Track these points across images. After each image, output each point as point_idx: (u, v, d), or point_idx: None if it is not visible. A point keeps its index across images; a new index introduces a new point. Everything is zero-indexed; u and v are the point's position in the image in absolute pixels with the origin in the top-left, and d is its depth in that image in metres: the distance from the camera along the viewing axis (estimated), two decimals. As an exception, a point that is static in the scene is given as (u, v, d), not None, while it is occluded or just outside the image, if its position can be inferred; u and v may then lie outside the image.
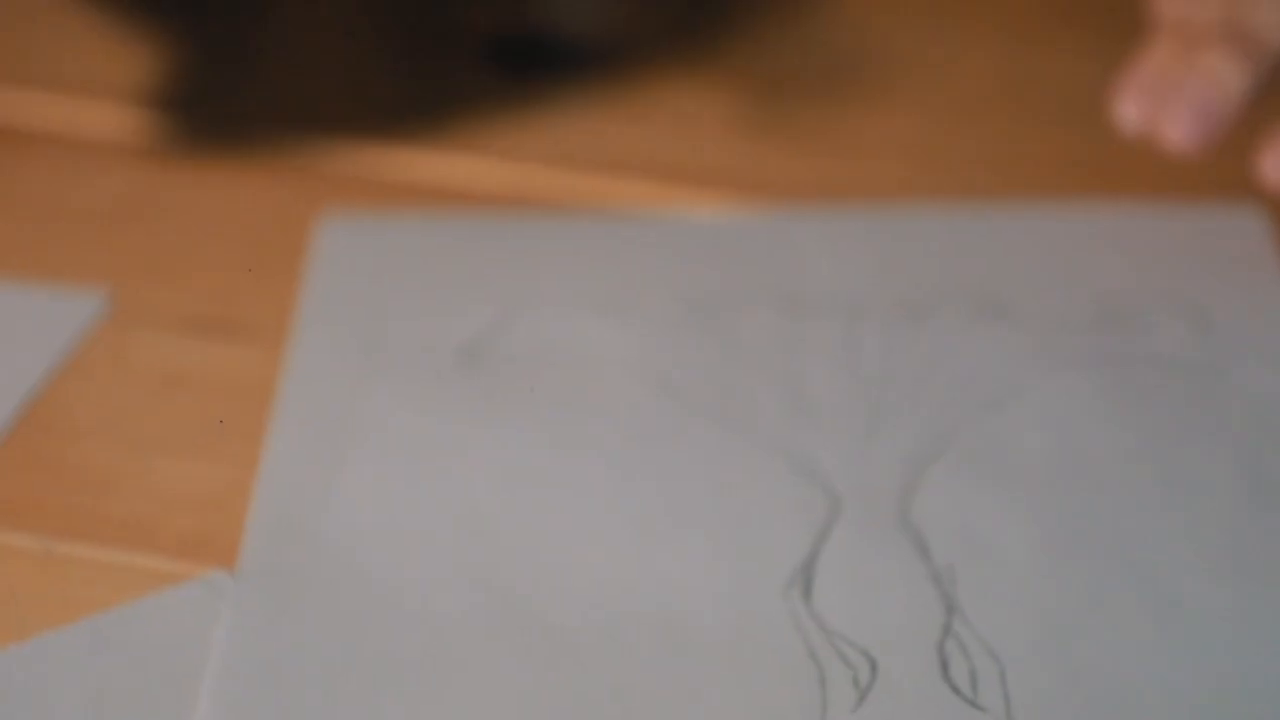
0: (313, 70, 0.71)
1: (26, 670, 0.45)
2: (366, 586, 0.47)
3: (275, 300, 0.59)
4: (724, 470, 0.51)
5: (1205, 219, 0.62)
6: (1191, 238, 0.61)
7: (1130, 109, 0.58)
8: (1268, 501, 0.49)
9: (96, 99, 0.69)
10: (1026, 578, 0.47)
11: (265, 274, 0.60)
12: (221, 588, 0.47)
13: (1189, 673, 0.44)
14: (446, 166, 0.66)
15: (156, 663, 0.45)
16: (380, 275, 0.59)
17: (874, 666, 0.44)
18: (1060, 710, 0.43)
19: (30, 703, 0.44)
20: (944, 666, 0.44)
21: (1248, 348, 0.55)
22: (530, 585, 0.47)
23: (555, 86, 0.69)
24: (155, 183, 0.66)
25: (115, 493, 0.51)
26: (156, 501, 0.51)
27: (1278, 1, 0.57)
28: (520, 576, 0.47)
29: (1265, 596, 0.46)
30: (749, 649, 0.45)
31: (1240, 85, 0.56)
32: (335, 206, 0.62)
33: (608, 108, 0.69)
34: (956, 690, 0.43)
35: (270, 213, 0.64)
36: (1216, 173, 0.60)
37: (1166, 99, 0.57)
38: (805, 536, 0.48)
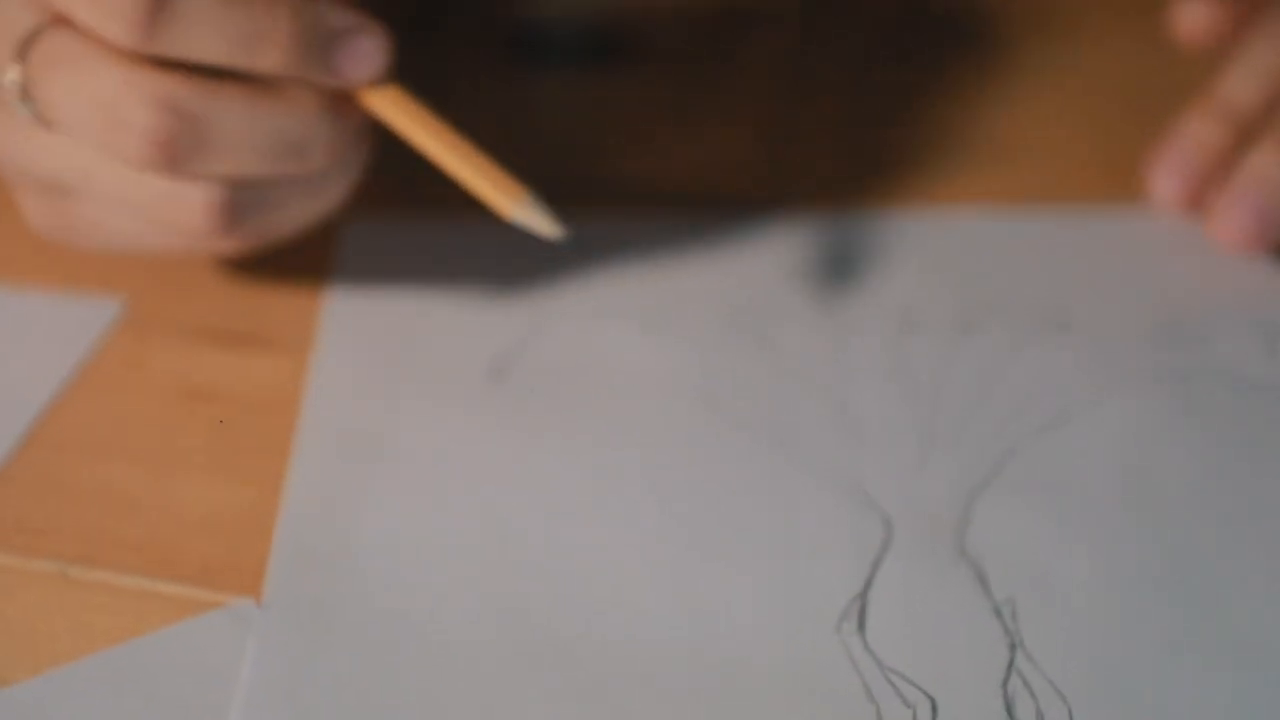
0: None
1: (44, 706, 0.42)
2: (396, 618, 0.45)
3: (297, 310, 0.57)
4: (768, 494, 0.49)
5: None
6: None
7: (1169, 184, 0.58)
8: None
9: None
10: (1091, 613, 0.45)
11: (287, 282, 0.58)
12: (247, 617, 0.45)
13: (1257, 709, 0.42)
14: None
15: (179, 696, 0.43)
16: (405, 284, 0.57)
17: (934, 707, 0.42)
18: (1132, 755, 0.41)
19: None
20: (1009, 708, 0.42)
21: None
22: (563, 619, 0.45)
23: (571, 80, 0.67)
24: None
25: (134, 514, 0.49)
26: (177, 524, 0.49)
27: None
28: (553, 609, 0.45)
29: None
30: (800, 687, 0.43)
31: None
32: (359, 212, 0.59)
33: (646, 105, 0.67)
34: (1022, 733, 0.41)
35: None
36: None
37: (1215, 192, 0.57)
38: (857, 566, 0.46)
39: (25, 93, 0.48)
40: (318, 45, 0.49)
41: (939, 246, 0.59)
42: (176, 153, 0.47)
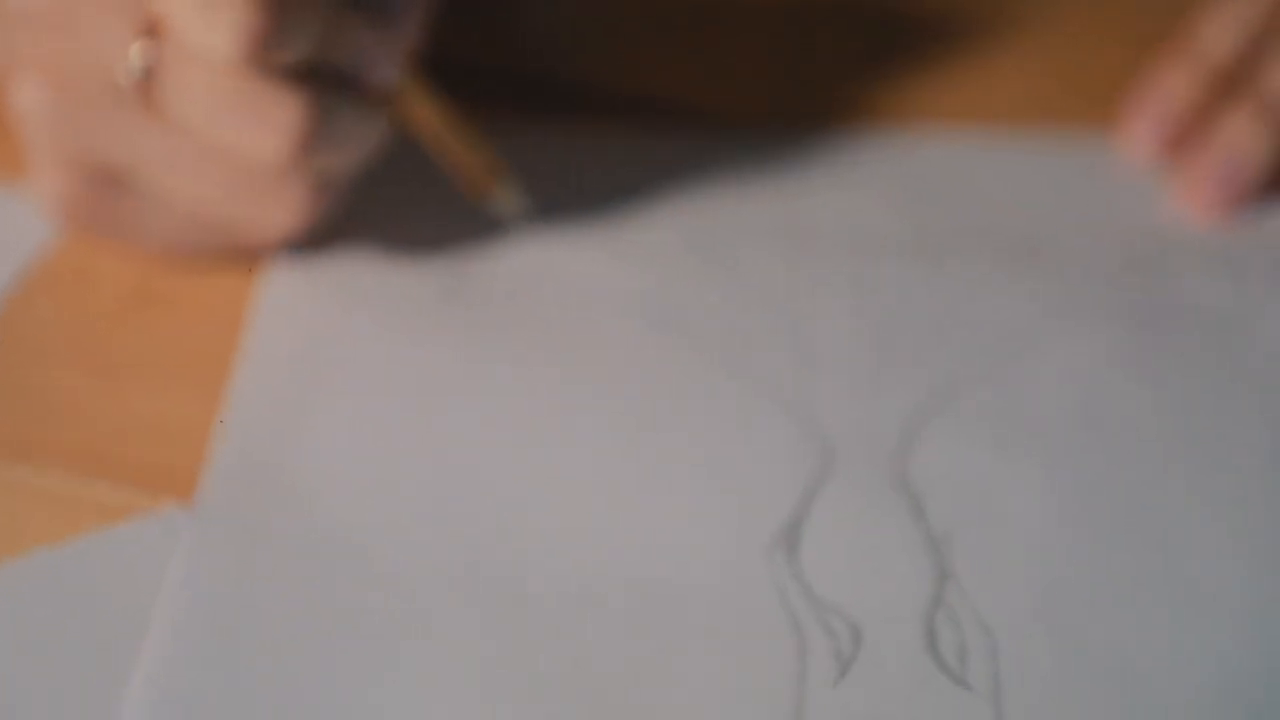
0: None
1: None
2: (330, 533, 0.44)
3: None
4: (716, 416, 0.48)
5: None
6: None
7: (1144, 134, 0.58)
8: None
9: None
10: (1030, 547, 0.44)
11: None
12: (177, 524, 0.45)
13: (1200, 656, 0.41)
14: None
15: (107, 600, 0.43)
16: (366, 205, 0.56)
17: (858, 638, 0.41)
18: (1055, 691, 0.40)
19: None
20: (932, 639, 0.41)
21: (1274, 296, 0.52)
22: (501, 542, 0.44)
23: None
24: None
25: (75, 419, 0.49)
26: (117, 430, 0.48)
27: None
28: (491, 532, 0.45)
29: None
30: (728, 616, 0.42)
31: (1265, 154, 0.56)
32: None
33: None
34: (943, 666, 0.41)
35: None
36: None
37: (1187, 153, 0.57)
38: (795, 493, 0.46)
39: (146, 76, 0.47)
40: (364, 52, 0.50)
41: (910, 170, 0.58)
42: (309, 151, 0.48)
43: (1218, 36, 0.59)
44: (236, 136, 0.47)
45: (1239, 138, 0.56)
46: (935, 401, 0.48)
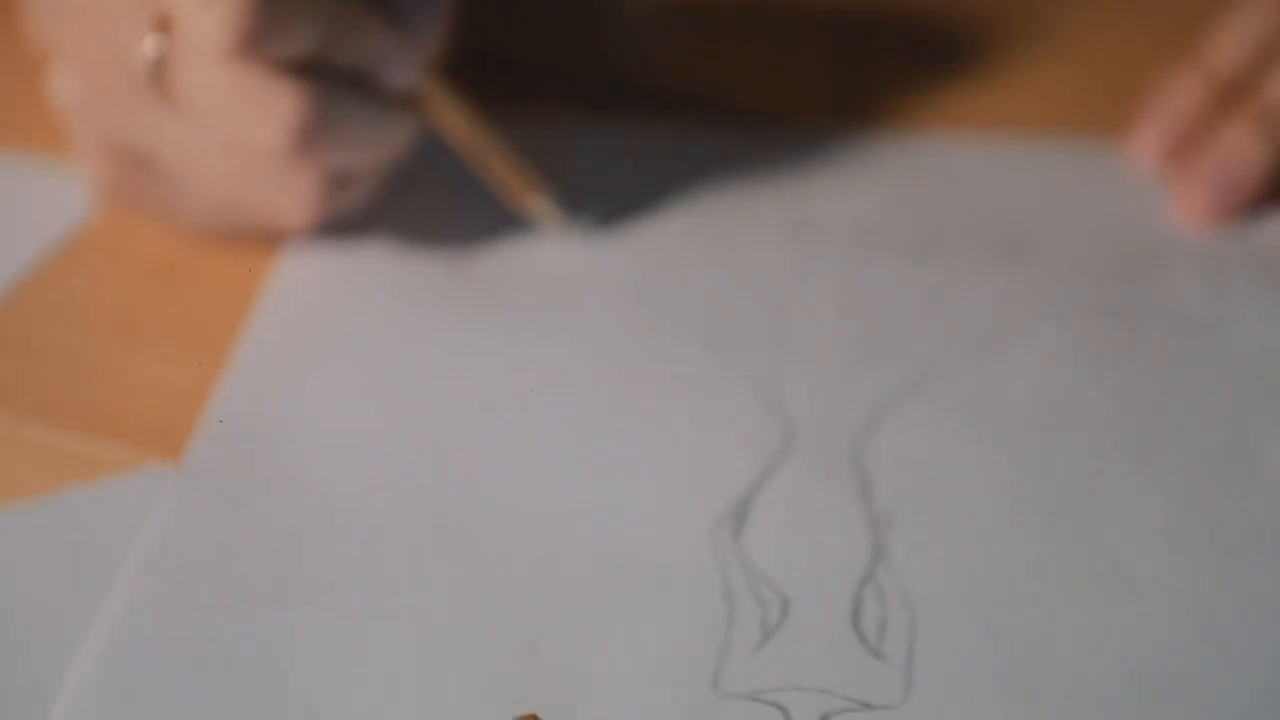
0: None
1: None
2: (304, 495, 0.47)
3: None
4: (688, 395, 0.50)
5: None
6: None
7: (1150, 142, 0.59)
8: (1242, 468, 0.47)
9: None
10: (966, 530, 0.45)
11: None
12: (163, 480, 0.47)
13: (1114, 639, 0.42)
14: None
15: (86, 549, 0.46)
16: (386, 190, 0.58)
17: (786, 608, 0.43)
18: (967, 664, 0.42)
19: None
20: (855, 613, 0.43)
21: (1260, 302, 0.53)
22: (465, 508, 0.47)
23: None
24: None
25: (89, 379, 0.52)
26: (124, 390, 0.51)
27: None
28: (457, 498, 0.47)
29: (1218, 566, 0.44)
30: (669, 585, 0.44)
31: (1263, 163, 0.56)
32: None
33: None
34: (862, 638, 0.42)
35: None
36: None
37: (1188, 159, 0.57)
38: (752, 469, 0.47)
39: (159, 65, 0.50)
40: (375, 53, 0.52)
41: (920, 172, 0.60)
42: (310, 142, 0.50)
43: (1228, 48, 0.60)
44: (239, 125, 0.50)
45: (1237, 147, 0.57)
46: (902, 390, 0.50)
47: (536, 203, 0.56)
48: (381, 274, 0.55)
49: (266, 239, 0.56)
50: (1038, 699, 0.41)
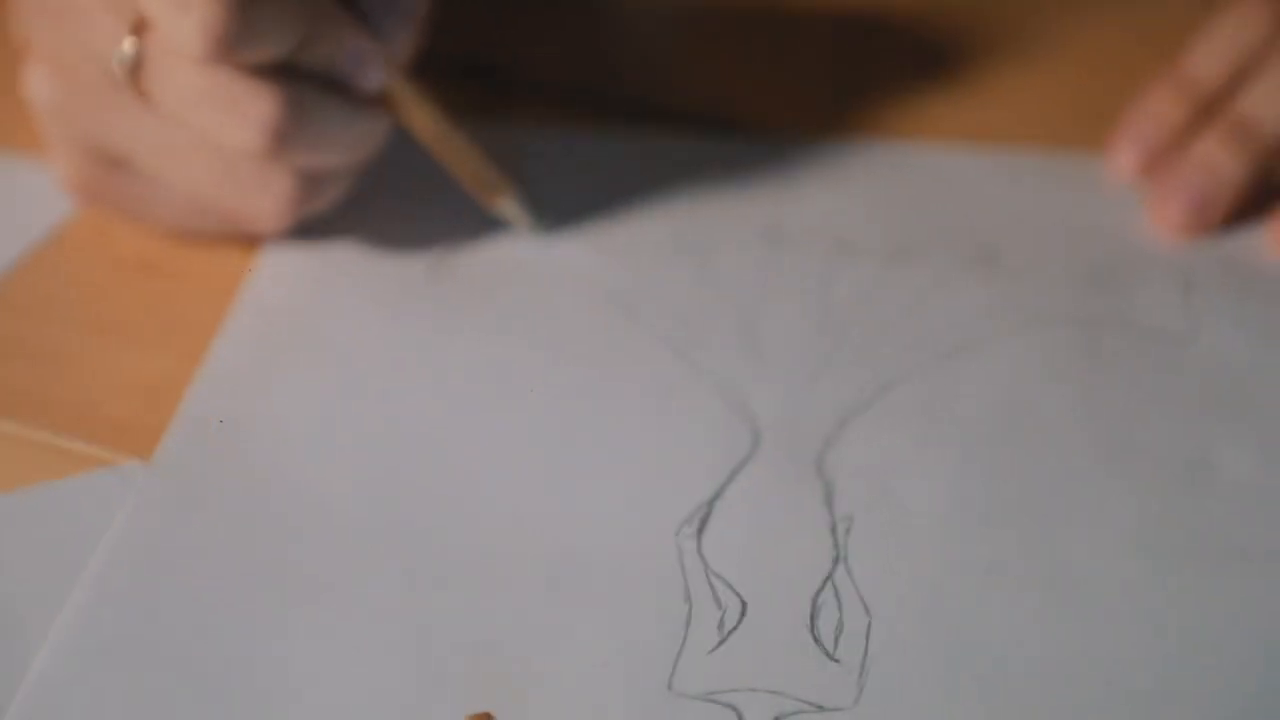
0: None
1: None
2: (271, 490, 0.47)
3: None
4: (656, 399, 0.51)
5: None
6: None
7: (1126, 155, 0.59)
8: (1202, 478, 0.47)
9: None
10: (924, 535, 0.46)
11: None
12: (132, 477, 0.48)
13: (1066, 645, 0.43)
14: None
15: (54, 544, 0.46)
16: (366, 189, 0.59)
17: (744, 609, 0.43)
18: (920, 668, 0.42)
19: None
20: (812, 616, 0.43)
21: (1231, 314, 0.53)
22: (429, 506, 0.47)
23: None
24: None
25: (61, 374, 0.52)
26: (98, 387, 0.52)
27: None
28: (422, 496, 0.47)
29: (1171, 575, 0.45)
30: (629, 586, 0.45)
31: (1237, 175, 0.57)
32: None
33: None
34: (818, 640, 0.43)
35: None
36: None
37: (1162, 171, 0.58)
38: (716, 474, 0.48)
39: (135, 66, 0.50)
40: (347, 58, 0.52)
41: (898, 179, 0.60)
42: (283, 144, 0.50)
43: (1206, 62, 0.60)
44: (214, 126, 0.50)
45: (1210, 159, 0.57)
46: (868, 396, 0.50)
47: (501, 203, 0.56)
48: (357, 274, 0.55)
49: (243, 240, 0.56)
50: (988, 702, 0.41)
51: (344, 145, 0.52)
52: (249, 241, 0.57)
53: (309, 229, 0.56)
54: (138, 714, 0.41)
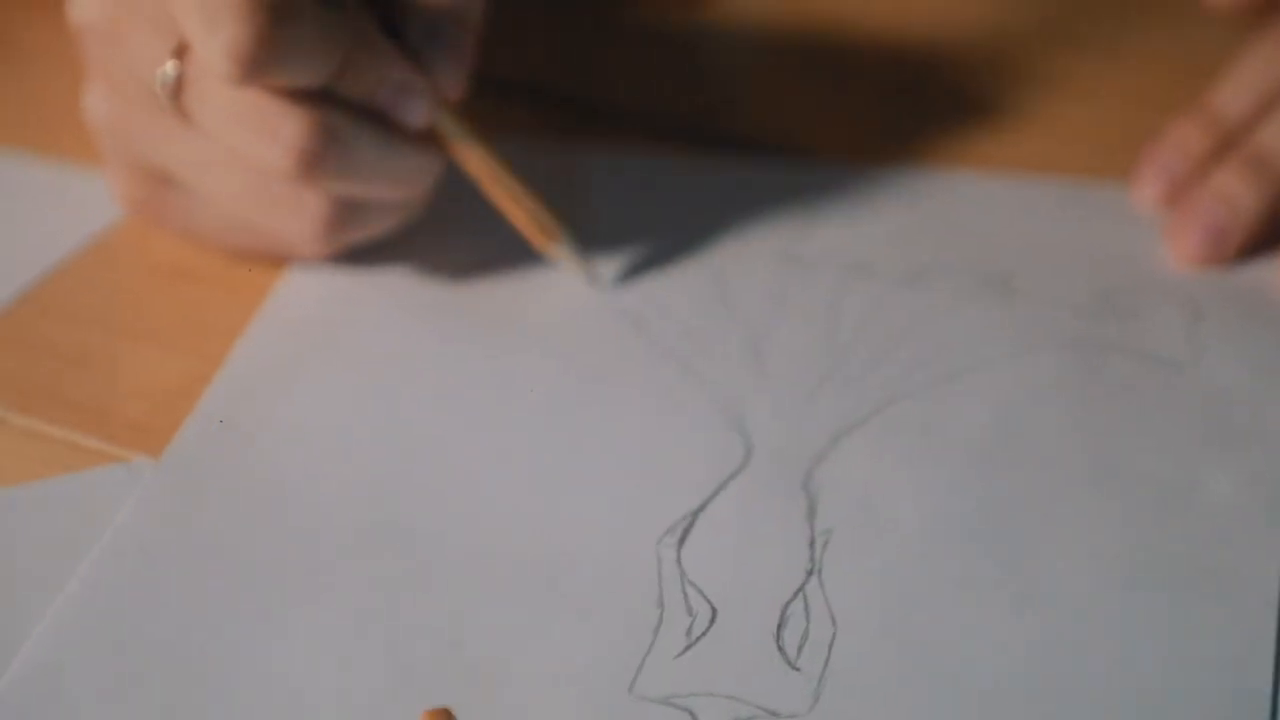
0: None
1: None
2: (273, 492, 0.49)
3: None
4: (656, 412, 0.52)
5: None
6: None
7: (1150, 185, 0.60)
8: (1181, 502, 0.47)
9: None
10: (901, 551, 0.46)
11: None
12: (141, 473, 0.49)
13: (1026, 659, 0.43)
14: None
15: (59, 535, 0.48)
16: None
17: (714, 617, 0.44)
18: (878, 678, 0.43)
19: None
20: (780, 626, 0.44)
21: (1233, 343, 0.53)
22: (423, 512, 0.48)
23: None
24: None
25: (85, 375, 0.54)
26: (119, 388, 0.54)
27: None
28: (417, 502, 0.49)
29: (1140, 595, 0.45)
30: (607, 591, 0.46)
31: (1253, 207, 0.57)
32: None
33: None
34: (781, 649, 0.43)
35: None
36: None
37: (1182, 202, 0.58)
38: (704, 486, 0.49)
39: (177, 86, 0.52)
40: (389, 90, 0.53)
41: (917, 203, 0.61)
42: (313, 167, 0.52)
43: (1231, 96, 0.60)
44: (246, 146, 0.52)
45: (1226, 190, 0.57)
46: (864, 413, 0.51)
47: (554, 249, 0.57)
48: (379, 292, 0.57)
49: (278, 259, 0.58)
50: (942, 712, 0.41)
51: (382, 177, 0.53)
52: (288, 262, 0.58)
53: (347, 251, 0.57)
54: (115, 698, 0.43)
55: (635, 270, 0.58)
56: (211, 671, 0.43)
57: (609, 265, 0.58)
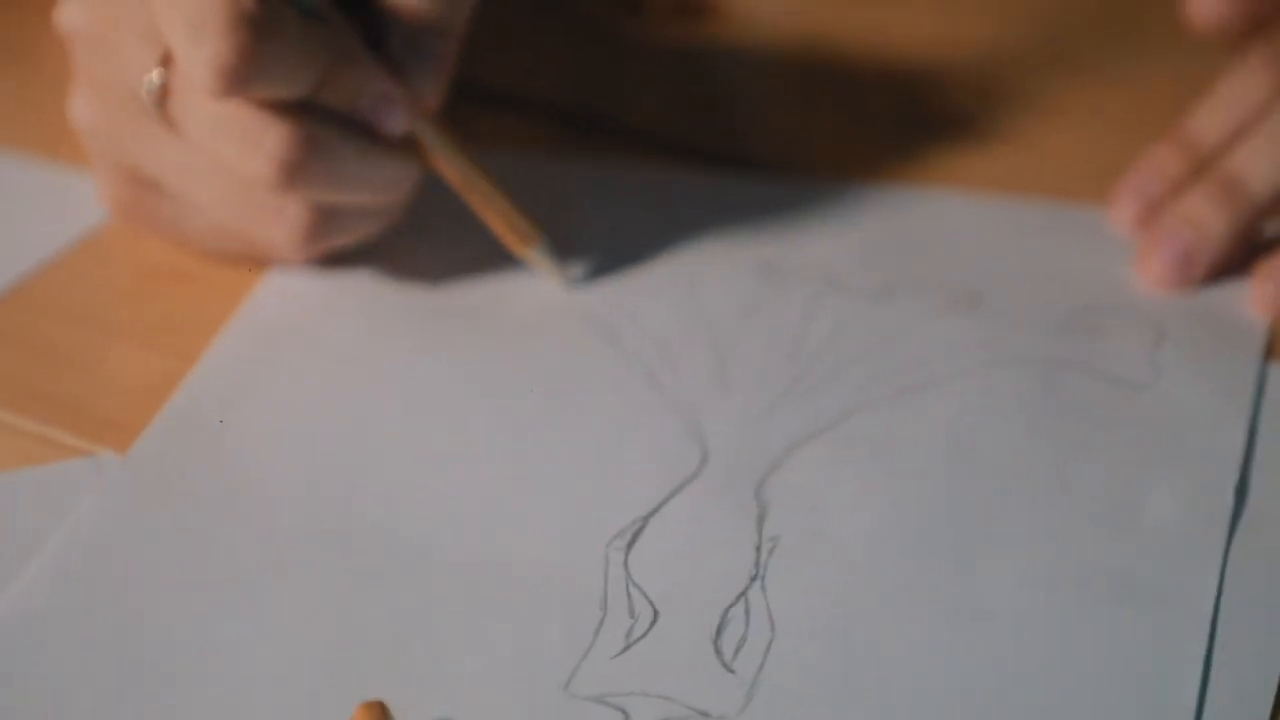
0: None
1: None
2: (236, 489, 0.50)
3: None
4: (620, 421, 0.52)
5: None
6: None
7: (1125, 208, 0.61)
8: (1124, 520, 0.48)
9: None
10: (844, 559, 0.47)
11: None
12: (106, 467, 0.50)
13: (958, 667, 0.44)
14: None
15: (19, 527, 0.49)
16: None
17: (655, 619, 0.45)
18: (809, 681, 0.43)
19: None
20: (719, 630, 0.45)
21: (1191, 366, 0.54)
22: (376, 509, 0.49)
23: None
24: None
25: (64, 372, 0.55)
26: (97, 385, 0.55)
27: (1275, 158, 0.57)
28: (378, 504, 0.50)
29: (1076, 610, 0.46)
30: (551, 591, 0.46)
31: (1220, 230, 0.57)
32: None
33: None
34: (718, 651, 0.44)
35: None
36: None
37: (1153, 224, 0.58)
38: (657, 493, 0.49)
39: (162, 94, 0.54)
40: (369, 101, 0.54)
41: (896, 221, 0.62)
42: (295, 176, 0.53)
43: (1208, 121, 0.60)
44: (229, 155, 0.53)
45: (1194, 213, 0.57)
46: (821, 425, 0.51)
47: (529, 253, 0.58)
48: (356, 295, 0.58)
49: (262, 263, 0.59)
50: (872, 716, 0.42)
51: (363, 184, 0.55)
52: (271, 266, 0.59)
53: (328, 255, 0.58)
54: (60, 682, 0.44)
55: (610, 277, 0.58)
56: (160, 658, 0.44)
57: (584, 271, 0.59)
